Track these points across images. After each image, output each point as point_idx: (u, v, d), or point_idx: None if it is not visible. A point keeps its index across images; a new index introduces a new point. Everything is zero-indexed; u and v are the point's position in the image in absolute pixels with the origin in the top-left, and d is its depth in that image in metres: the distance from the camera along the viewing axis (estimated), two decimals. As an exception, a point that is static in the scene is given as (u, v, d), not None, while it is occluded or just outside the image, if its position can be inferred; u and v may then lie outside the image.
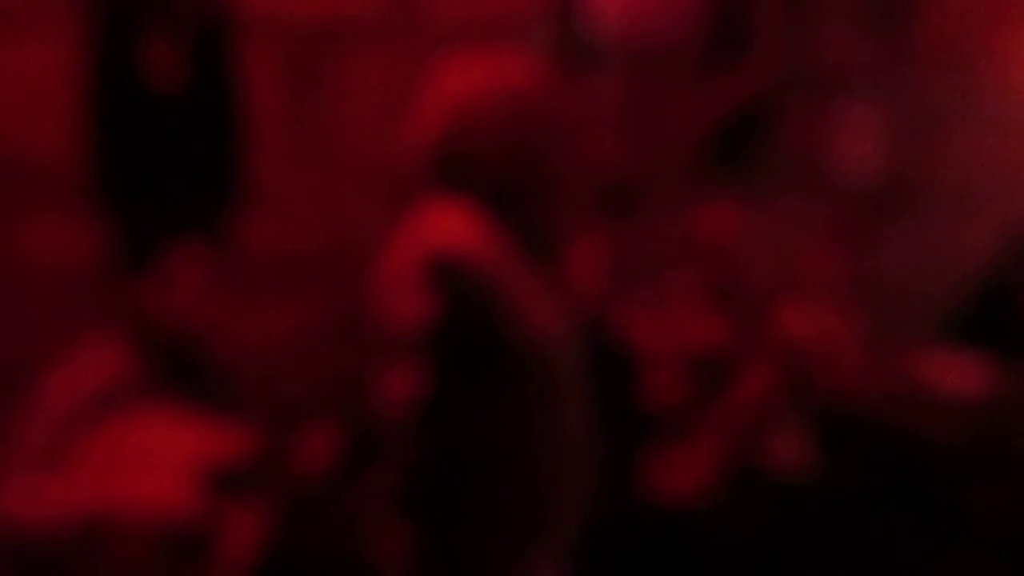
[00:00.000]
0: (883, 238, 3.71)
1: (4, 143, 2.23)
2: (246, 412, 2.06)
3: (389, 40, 2.67)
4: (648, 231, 3.21)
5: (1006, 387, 2.78)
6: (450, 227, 1.43)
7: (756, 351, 2.41)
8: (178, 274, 1.85)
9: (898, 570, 3.06)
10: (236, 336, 2.48)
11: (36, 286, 2.28)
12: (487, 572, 1.40)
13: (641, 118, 3.19)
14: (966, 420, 2.70)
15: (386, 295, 1.43)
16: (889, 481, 3.31)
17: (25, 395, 1.88)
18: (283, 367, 2.61)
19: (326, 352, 2.56)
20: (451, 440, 1.37)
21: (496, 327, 1.38)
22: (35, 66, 2.25)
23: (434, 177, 1.49)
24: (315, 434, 1.92)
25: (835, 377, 2.44)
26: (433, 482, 1.36)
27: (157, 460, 1.75)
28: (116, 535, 1.70)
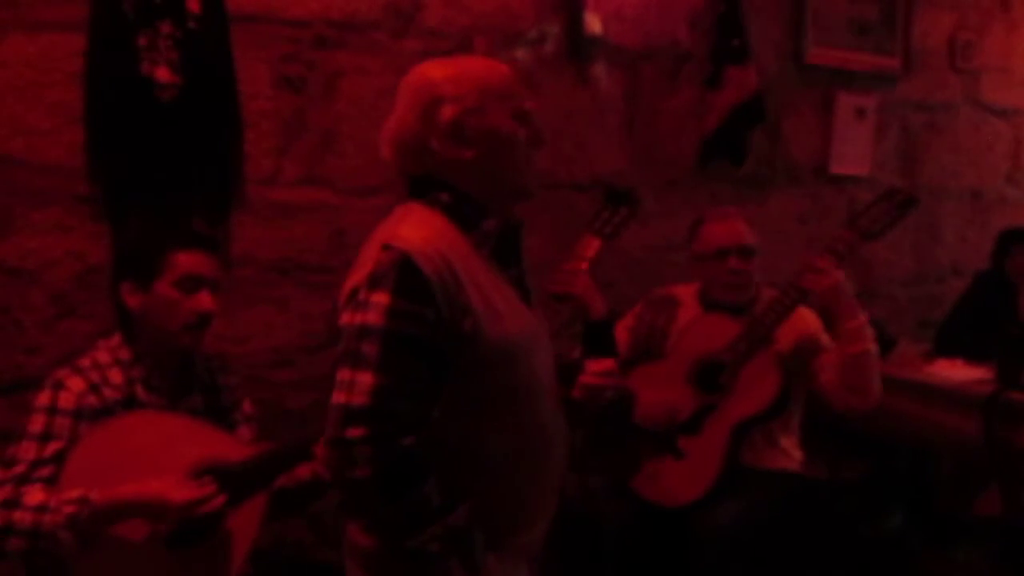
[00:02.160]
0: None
1: (4, 143, 2.23)
2: (245, 413, 2.06)
3: (388, 40, 2.67)
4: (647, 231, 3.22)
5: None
6: (407, 228, 1.39)
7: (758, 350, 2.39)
8: (178, 275, 1.84)
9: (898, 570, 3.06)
10: (234, 337, 2.49)
11: (36, 286, 2.27)
12: (461, 568, 1.36)
13: (640, 118, 3.19)
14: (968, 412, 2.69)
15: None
16: (889, 481, 3.31)
17: (26, 397, 1.88)
18: (279, 369, 2.61)
19: (324, 353, 2.55)
20: (420, 437, 1.32)
21: (451, 326, 1.34)
22: (35, 64, 2.25)
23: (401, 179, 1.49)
24: (312, 437, 1.92)
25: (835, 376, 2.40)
26: (404, 479, 1.31)
27: (157, 462, 1.74)
28: (115, 536, 1.70)
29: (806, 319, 2.46)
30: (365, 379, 1.30)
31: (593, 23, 2.97)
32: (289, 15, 2.54)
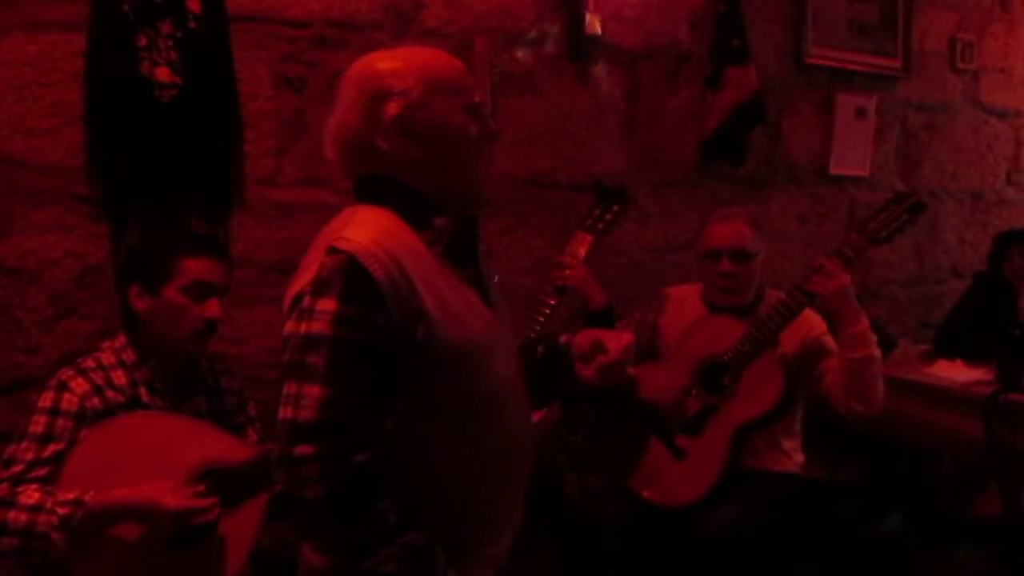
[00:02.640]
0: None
1: (4, 143, 2.23)
2: (250, 415, 2.06)
3: (389, 40, 2.66)
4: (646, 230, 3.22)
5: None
6: (354, 228, 1.30)
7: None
8: (187, 281, 1.84)
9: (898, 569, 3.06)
10: (234, 337, 2.49)
11: (36, 286, 2.27)
12: None
13: (640, 118, 3.19)
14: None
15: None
16: (889, 482, 3.31)
17: (26, 397, 1.88)
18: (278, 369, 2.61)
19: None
20: (374, 451, 1.23)
21: (404, 331, 1.26)
22: (36, 64, 2.25)
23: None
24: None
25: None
26: (357, 498, 1.23)
27: (158, 463, 1.74)
28: (114, 536, 1.70)
29: (811, 322, 2.46)
30: (312, 392, 1.21)
31: (593, 23, 2.97)
32: (289, 15, 2.54)
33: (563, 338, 1.66)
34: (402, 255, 1.29)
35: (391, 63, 1.36)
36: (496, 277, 1.51)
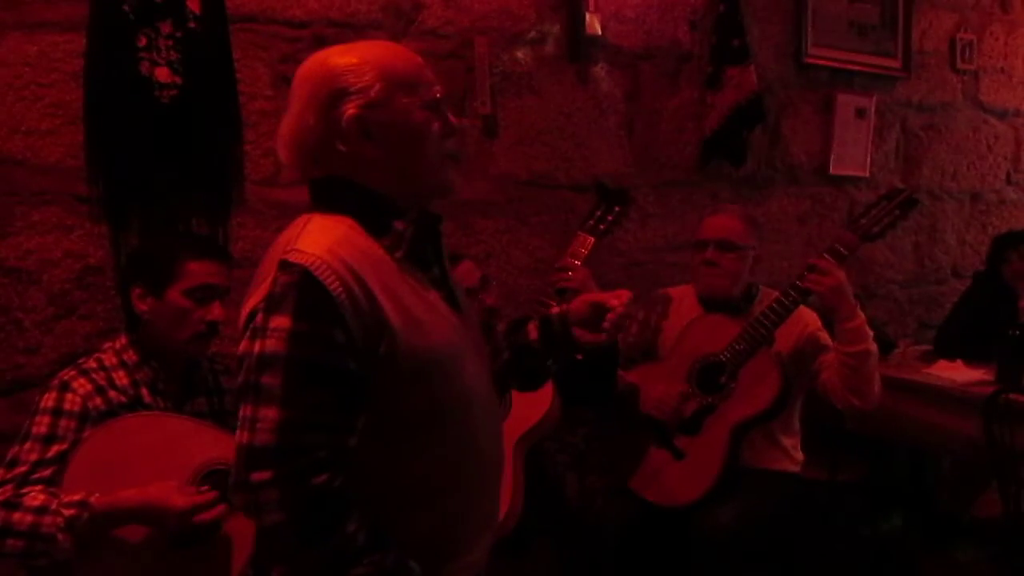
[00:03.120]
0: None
1: (3, 143, 2.23)
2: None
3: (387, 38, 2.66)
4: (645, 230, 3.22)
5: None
6: (307, 239, 1.24)
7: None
8: (190, 284, 1.84)
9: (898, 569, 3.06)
10: (233, 337, 2.48)
11: (35, 286, 2.27)
12: None
13: (640, 118, 3.19)
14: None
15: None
16: (889, 482, 3.31)
17: (26, 397, 1.88)
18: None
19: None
20: (338, 471, 1.18)
21: (365, 345, 1.20)
22: (35, 64, 2.25)
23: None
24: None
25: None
26: (321, 521, 1.17)
27: (161, 463, 1.74)
28: (117, 536, 1.70)
29: (806, 319, 2.47)
30: (268, 414, 1.15)
31: (593, 23, 2.97)
32: (289, 15, 2.54)
33: (554, 310, 1.64)
34: (360, 264, 1.22)
35: (347, 59, 1.29)
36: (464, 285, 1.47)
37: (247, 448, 1.17)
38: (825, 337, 2.44)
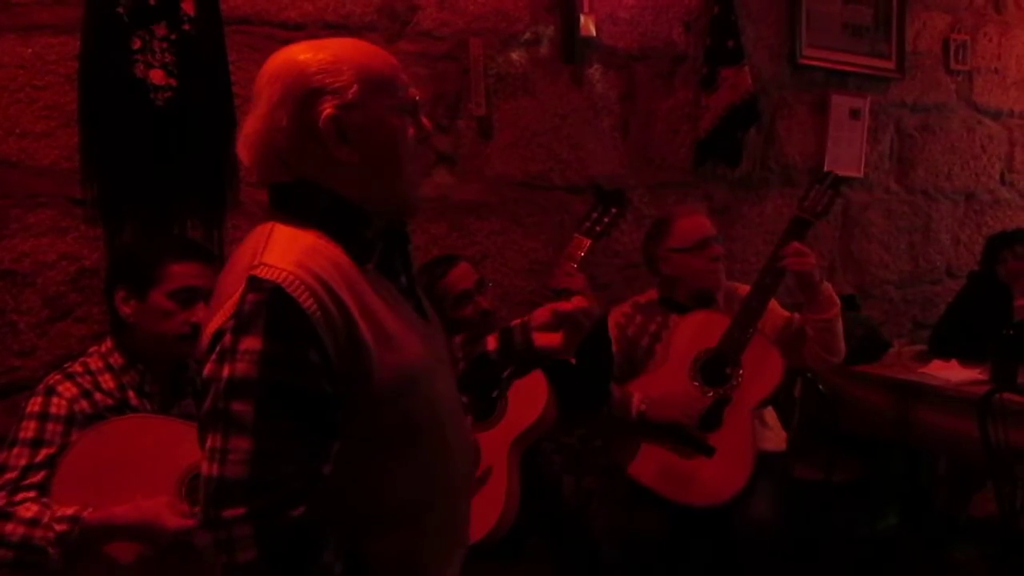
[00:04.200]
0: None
1: (2, 143, 2.23)
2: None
3: (383, 42, 2.66)
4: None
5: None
6: (273, 251, 1.17)
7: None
8: (173, 286, 1.83)
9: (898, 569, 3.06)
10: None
11: (30, 289, 2.27)
12: None
13: (635, 119, 3.20)
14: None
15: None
16: (885, 482, 3.31)
17: (20, 401, 1.87)
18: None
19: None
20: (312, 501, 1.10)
21: (340, 364, 1.13)
22: (30, 66, 2.24)
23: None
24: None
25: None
26: (297, 556, 1.09)
27: (149, 466, 1.74)
28: (110, 542, 1.70)
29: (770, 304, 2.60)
30: (241, 445, 1.06)
31: (588, 25, 2.97)
32: (284, 17, 2.54)
33: (515, 321, 1.57)
34: (332, 277, 1.15)
35: (320, 56, 1.21)
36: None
37: (217, 481, 1.07)
38: (781, 309, 2.60)
